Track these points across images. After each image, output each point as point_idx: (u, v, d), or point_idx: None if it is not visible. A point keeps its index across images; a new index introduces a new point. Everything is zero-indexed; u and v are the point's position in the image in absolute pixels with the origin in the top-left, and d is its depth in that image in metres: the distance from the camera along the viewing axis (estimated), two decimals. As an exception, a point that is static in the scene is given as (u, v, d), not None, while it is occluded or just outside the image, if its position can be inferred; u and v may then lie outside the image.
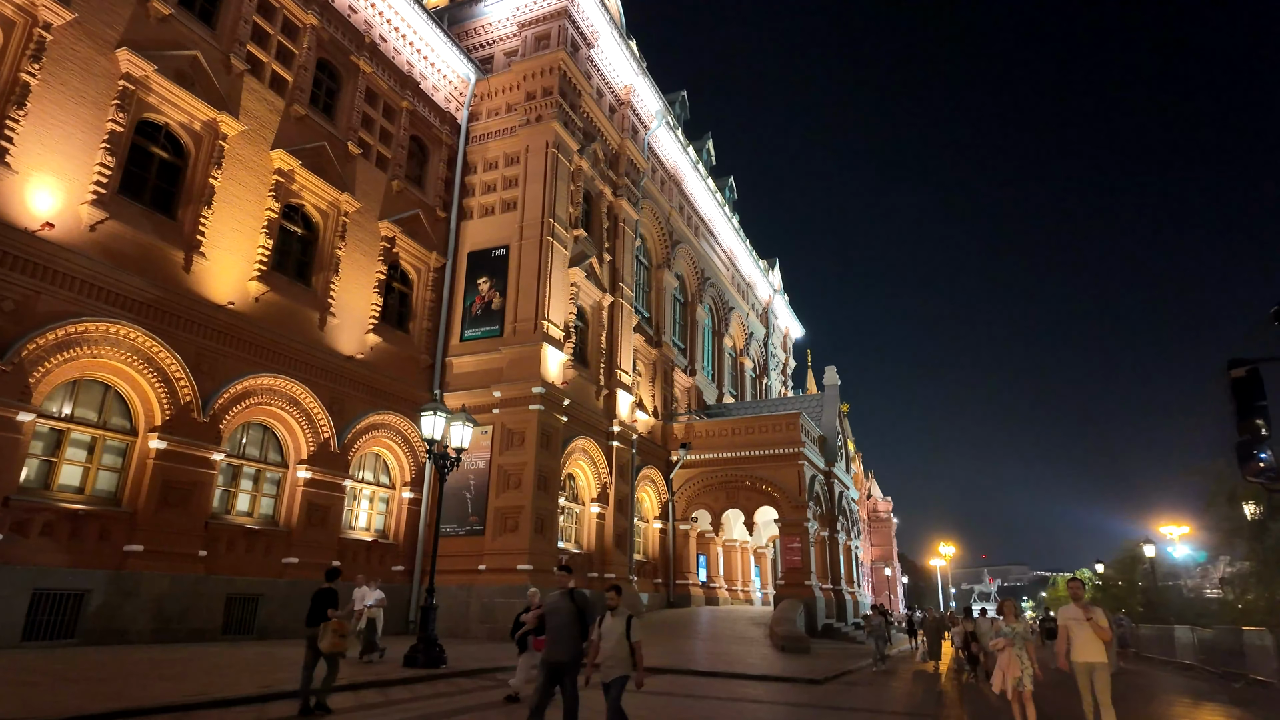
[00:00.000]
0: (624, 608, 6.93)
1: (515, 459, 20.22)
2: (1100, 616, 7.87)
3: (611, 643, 6.63)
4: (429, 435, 12.73)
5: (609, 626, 6.70)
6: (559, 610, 6.88)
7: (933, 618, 20.05)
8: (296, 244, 18.67)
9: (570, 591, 7.02)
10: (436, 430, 12.71)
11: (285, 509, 17.28)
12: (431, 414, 12.64)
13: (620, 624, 6.65)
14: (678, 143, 32.81)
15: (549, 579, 19.94)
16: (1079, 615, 7.94)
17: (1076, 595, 8.32)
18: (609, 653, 6.60)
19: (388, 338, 20.60)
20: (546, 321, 21.34)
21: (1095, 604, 16.85)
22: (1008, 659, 8.61)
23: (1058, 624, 8.10)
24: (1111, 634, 8.03)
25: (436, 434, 12.74)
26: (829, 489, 30.95)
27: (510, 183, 23.40)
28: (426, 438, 12.81)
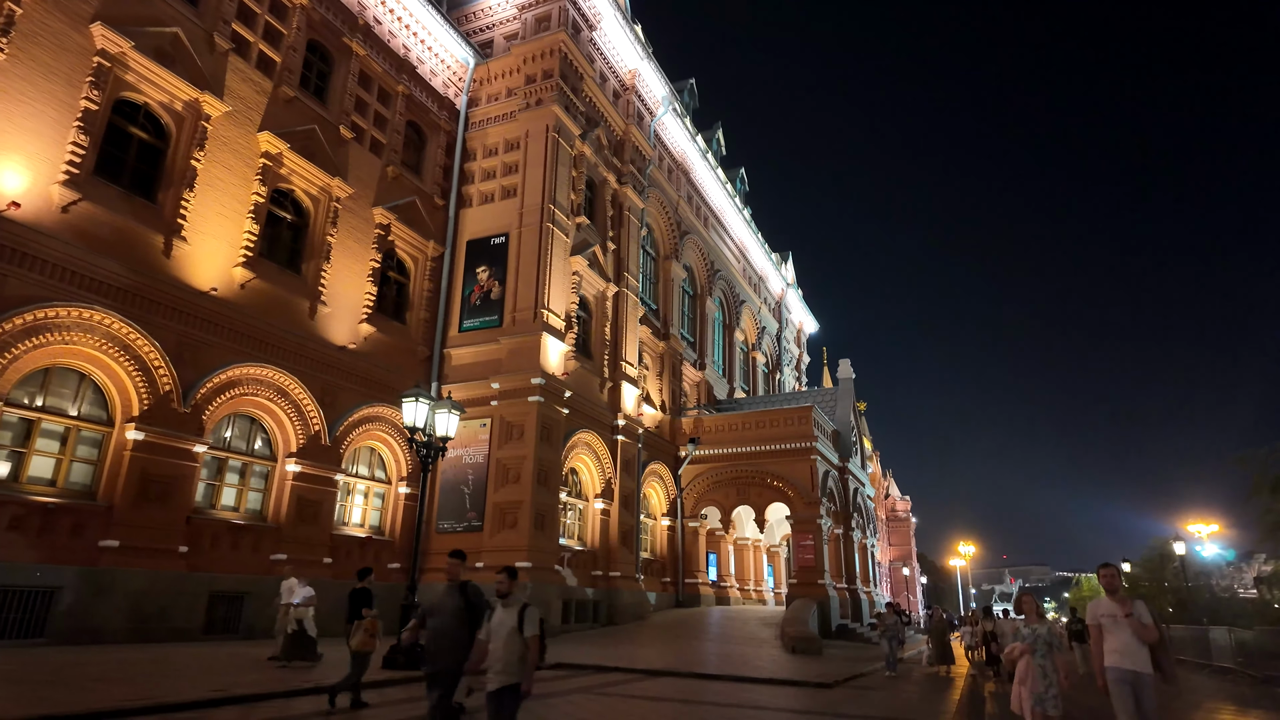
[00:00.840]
0: (519, 595, 5.62)
1: (514, 452, 19.49)
2: (1143, 612, 6.04)
3: (499, 641, 5.34)
4: (410, 423, 12.01)
5: (498, 621, 5.42)
6: (442, 608, 5.71)
7: (939, 617, 18.58)
8: (286, 230, 18.07)
9: (461, 585, 5.85)
10: (419, 418, 12.00)
11: (274, 504, 16.66)
12: (413, 400, 11.92)
13: (511, 616, 5.34)
14: (685, 130, 31.97)
15: (550, 576, 19.21)
16: (1115, 611, 6.11)
17: (1112, 586, 6.33)
18: (496, 655, 5.33)
19: (383, 328, 19.95)
20: (547, 311, 20.60)
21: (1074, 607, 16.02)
22: (1027, 670, 6.61)
23: (1089, 623, 6.37)
24: (1160, 633, 6.10)
25: (419, 422, 12.03)
26: (843, 485, 29.97)
27: (510, 169, 22.70)
28: (408, 425, 12.10)
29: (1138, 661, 5.96)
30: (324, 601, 16.69)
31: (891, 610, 17.41)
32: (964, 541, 75.41)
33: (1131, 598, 6.30)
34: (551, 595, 18.97)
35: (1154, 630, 6.03)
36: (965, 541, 75.32)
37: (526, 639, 5.30)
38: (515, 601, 5.48)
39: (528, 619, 5.33)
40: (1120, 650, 6.02)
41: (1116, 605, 6.16)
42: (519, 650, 5.29)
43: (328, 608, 17.23)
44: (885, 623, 16.62)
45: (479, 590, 5.95)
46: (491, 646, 5.38)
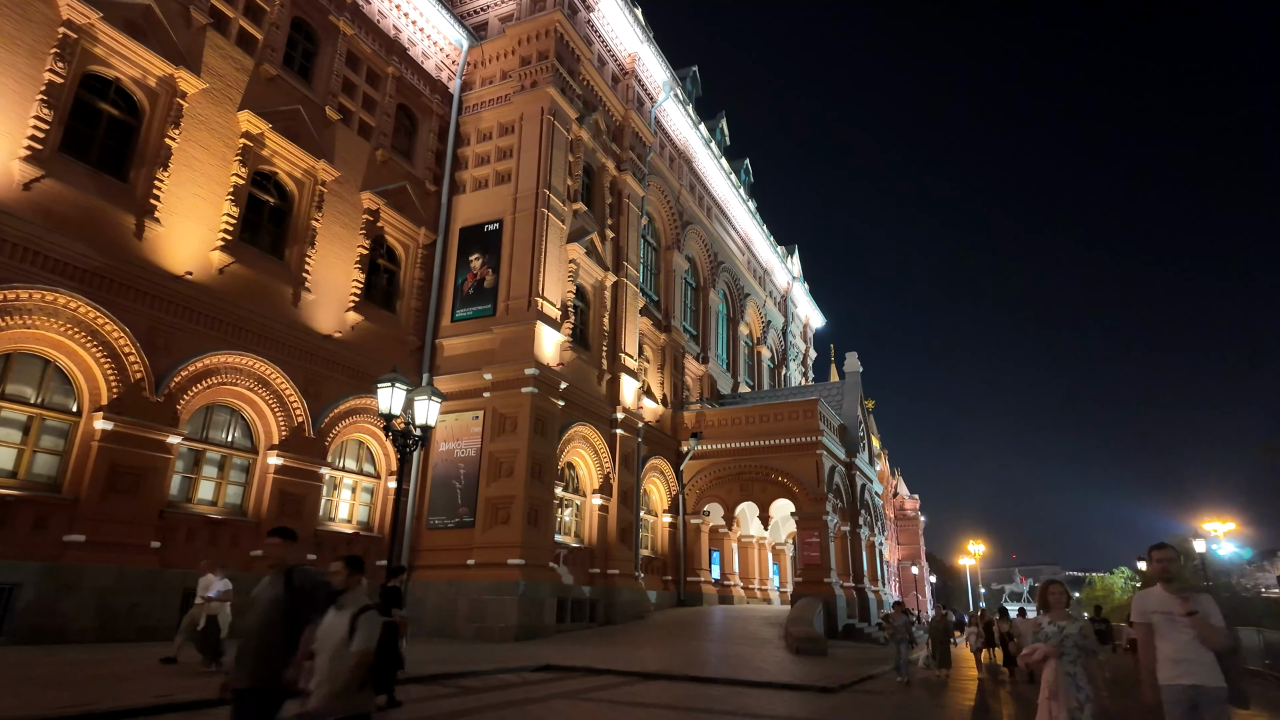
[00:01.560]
0: (357, 595, 4.34)
1: (507, 446, 18.77)
2: (1211, 609, 4.65)
3: (325, 655, 4.11)
4: (386, 410, 11.31)
5: (326, 628, 4.19)
6: (258, 602, 4.42)
7: (940, 617, 17.15)
8: (268, 214, 17.39)
9: (287, 573, 4.42)
10: (395, 405, 11.29)
11: (254, 498, 16.00)
12: (389, 386, 11.22)
13: (343, 623, 4.14)
14: (688, 118, 31.18)
15: (544, 574, 18.50)
16: (1171, 607, 4.68)
17: (1168, 573, 4.88)
18: (320, 673, 4.08)
19: (371, 317, 19.27)
20: (541, 299, 19.87)
21: (1099, 606, 15.09)
22: (1054, 679, 5.16)
23: (1134, 620, 4.93)
24: (1228, 639, 4.75)
25: (395, 409, 11.32)
26: (850, 481, 29.14)
27: (504, 153, 21.98)
28: (383, 413, 11.40)
29: (1203, 673, 4.53)
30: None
31: (899, 610, 15.98)
32: (973, 540, 74.22)
33: (1193, 590, 4.91)
34: (545, 594, 18.25)
35: (1223, 634, 4.68)
36: (975, 540, 74.14)
37: (354, 654, 4.04)
38: (354, 603, 4.24)
39: (361, 628, 4.09)
40: (1179, 658, 4.62)
41: (1174, 599, 4.70)
42: (351, 668, 4.04)
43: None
44: (893, 624, 15.37)
45: (316, 578, 4.51)
46: (316, 662, 4.12)
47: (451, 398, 20.02)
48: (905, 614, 16.04)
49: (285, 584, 4.36)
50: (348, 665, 4.03)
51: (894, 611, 15.89)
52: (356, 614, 4.14)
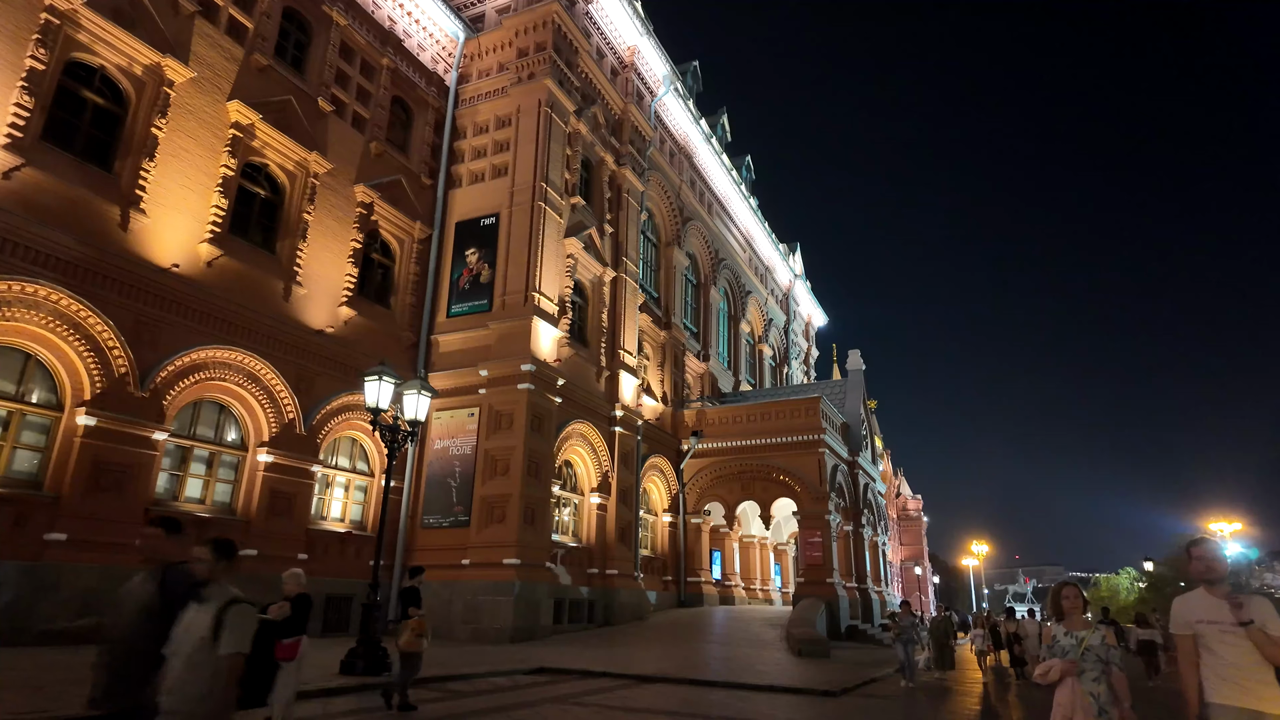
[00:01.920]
0: (226, 585, 3.56)
1: (503, 443, 18.42)
2: (1270, 616, 3.72)
3: (181, 659, 3.36)
4: (372, 404, 10.96)
5: (186, 625, 3.43)
6: (123, 606, 3.74)
7: (941, 617, 16.23)
8: (259, 207, 17.05)
9: (163, 570, 3.77)
10: (382, 398, 10.94)
11: (244, 496, 15.66)
12: (376, 380, 10.87)
13: (206, 618, 3.39)
14: (688, 113, 30.81)
15: (540, 574, 18.14)
16: (1221, 616, 3.82)
17: (1213, 573, 3.99)
18: (176, 678, 3.34)
19: (365, 312, 18.92)
20: (538, 294, 19.52)
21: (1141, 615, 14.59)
22: (1071, 700, 4.47)
23: (1176, 631, 4.04)
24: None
25: (382, 402, 10.97)
26: (853, 480, 28.74)
27: (501, 147, 21.63)
28: (369, 407, 11.05)
29: (1264, 698, 3.65)
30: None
31: (906, 610, 14.93)
32: (977, 540, 73.70)
33: (1246, 593, 3.98)
34: (542, 594, 17.89)
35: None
36: (978, 540, 73.62)
37: (220, 658, 3.30)
38: (218, 596, 3.45)
39: (230, 625, 3.34)
40: (1232, 678, 3.73)
41: (1222, 605, 3.84)
42: (208, 677, 3.27)
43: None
44: (900, 624, 14.44)
45: (189, 578, 3.66)
46: (168, 667, 3.36)
47: (447, 394, 19.69)
48: (911, 614, 15.12)
49: (159, 586, 3.70)
50: (207, 673, 3.29)
51: (901, 611, 14.93)
52: (223, 608, 3.36)
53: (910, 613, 15.03)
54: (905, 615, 14.60)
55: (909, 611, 14.92)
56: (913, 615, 15.12)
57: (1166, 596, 34.93)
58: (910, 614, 14.89)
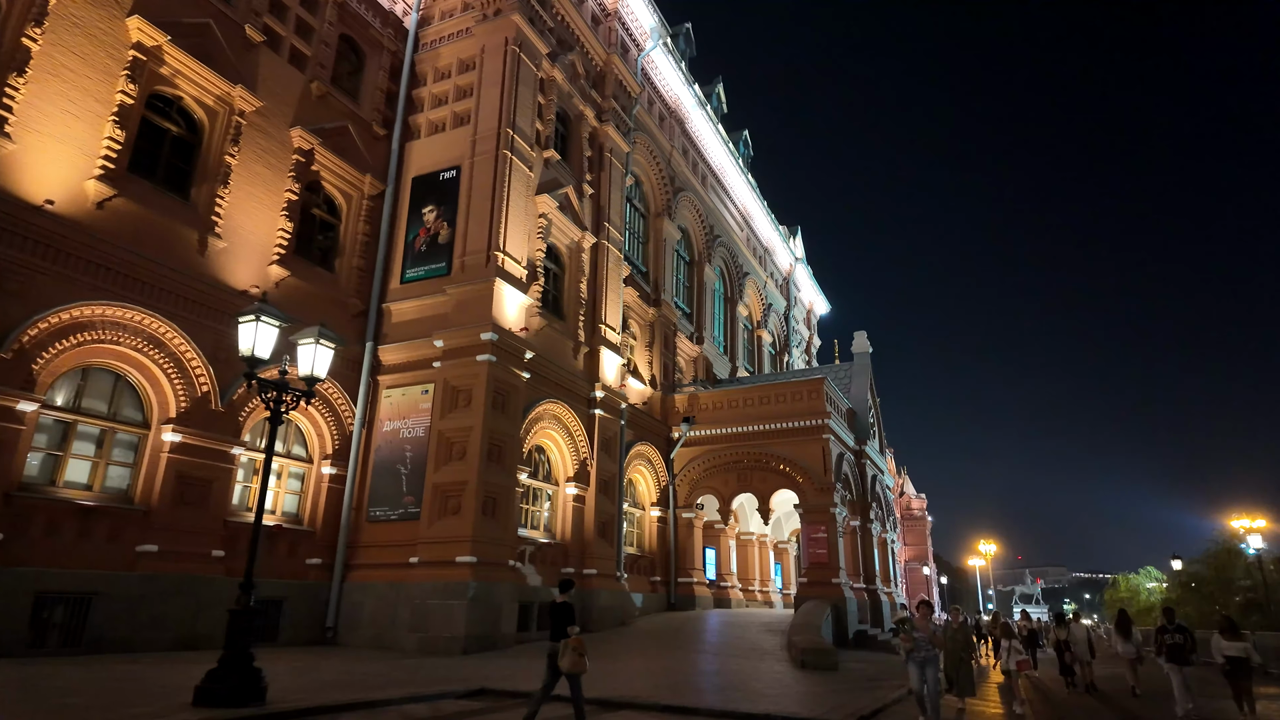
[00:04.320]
0: None
1: (459, 423, 15.96)
2: None
3: None
4: (247, 351, 8.50)
5: None
6: None
7: (958, 624, 11.64)
8: (169, 145, 14.60)
9: None
10: (261, 344, 8.49)
11: (143, 481, 13.20)
12: (253, 321, 8.40)
13: None
14: (679, 74, 28.38)
15: (502, 574, 15.67)
16: None
17: None
18: None
19: (302, 274, 16.48)
20: (502, 254, 17.07)
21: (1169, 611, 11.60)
22: None
23: None
24: None
25: (261, 350, 8.52)
26: (860, 471, 26.29)
27: (464, 93, 19.20)
28: (244, 354, 8.59)
29: None
30: (215, 606, 13.39)
31: (925, 613, 9.85)
32: (984, 540, 71.12)
33: None
34: (504, 597, 15.42)
35: None
36: (986, 540, 71.03)
37: None
38: None
39: None
40: None
41: None
42: None
43: (223, 612, 13.89)
44: (915, 635, 9.50)
45: None
46: None
47: (398, 369, 17.30)
48: (932, 621, 10.07)
49: None
50: None
51: (918, 615, 9.90)
52: None
53: (929, 617, 9.93)
54: (925, 618, 9.75)
55: (928, 615, 9.86)
56: (934, 623, 10.15)
57: (1205, 597, 32.54)
58: (930, 619, 9.86)
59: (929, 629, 9.56)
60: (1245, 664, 10.22)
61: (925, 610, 9.90)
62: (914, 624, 9.52)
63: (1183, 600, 32.76)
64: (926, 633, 9.45)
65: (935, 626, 9.59)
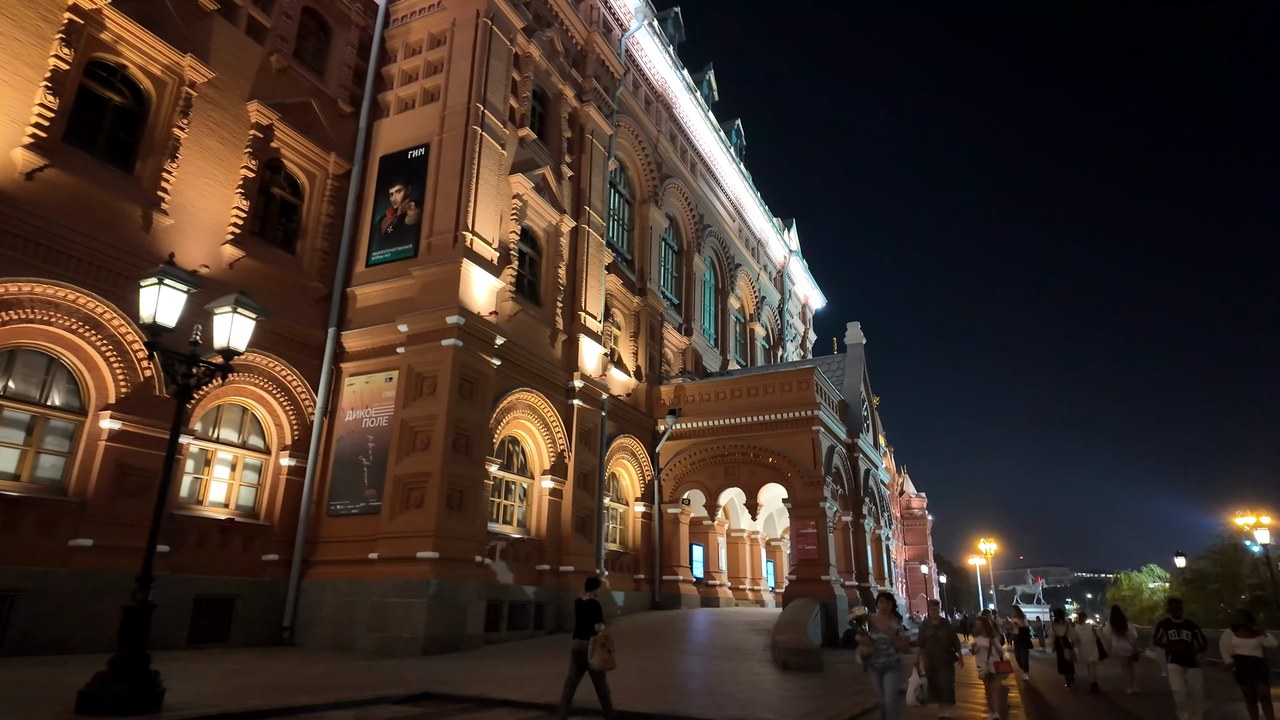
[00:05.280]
0: None
1: (423, 411, 15.12)
2: None
3: None
4: (148, 318, 7.65)
5: None
6: None
7: (937, 622, 9.45)
8: (112, 115, 13.78)
9: None
10: (165, 312, 7.64)
11: (78, 471, 12.37)
12: (155, 284, 7.56)
13: None
14: (666, 57, 27.54)
15: (467, 571, 14.83)
16: None
17: None
18: None
19: (260, 255, 15.66)
20: (471, 234, 16.24)
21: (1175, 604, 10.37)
22: None
23: None
24: None
25: (164, 318, 7.67)
26: (852, 464, 25.43)
27: (434, 68, 18.38)
28: (145, 322, 7.74)
29: None
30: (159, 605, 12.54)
31: (886, 610, 8.13)
32: (985, 539, 70.17)
33: None
34: (470, 595, 14.57)
35: None
36: (986, 539, 70.08)
37: None
38: None
39: None
40: None
41: None
42: None
43: (167, 610, 13.06)
44: (872, 639, 7.80)
45: None
46: None
47: (362, 356, 16.48)
48: (897, 616, 8.58)
49: None
50: None
51: (879, 611, 8.12)
52: None
53: (892, 611, 8.24)
54: (884, 619, 7.99)
55: (890, 612, 8.13)
56: (900, 623, 8.48)
57: (1210, 594, 31.66)
58: (892, 617, 8.10)
59: (891, 629, 7.84)
60: (1261, 664, 9.13)
61: (887, 604, 8.23)
62: (873, 622, 7.91)
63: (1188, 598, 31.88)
64: (889, 633, 7.79)
65: (899, 627, 7.96)
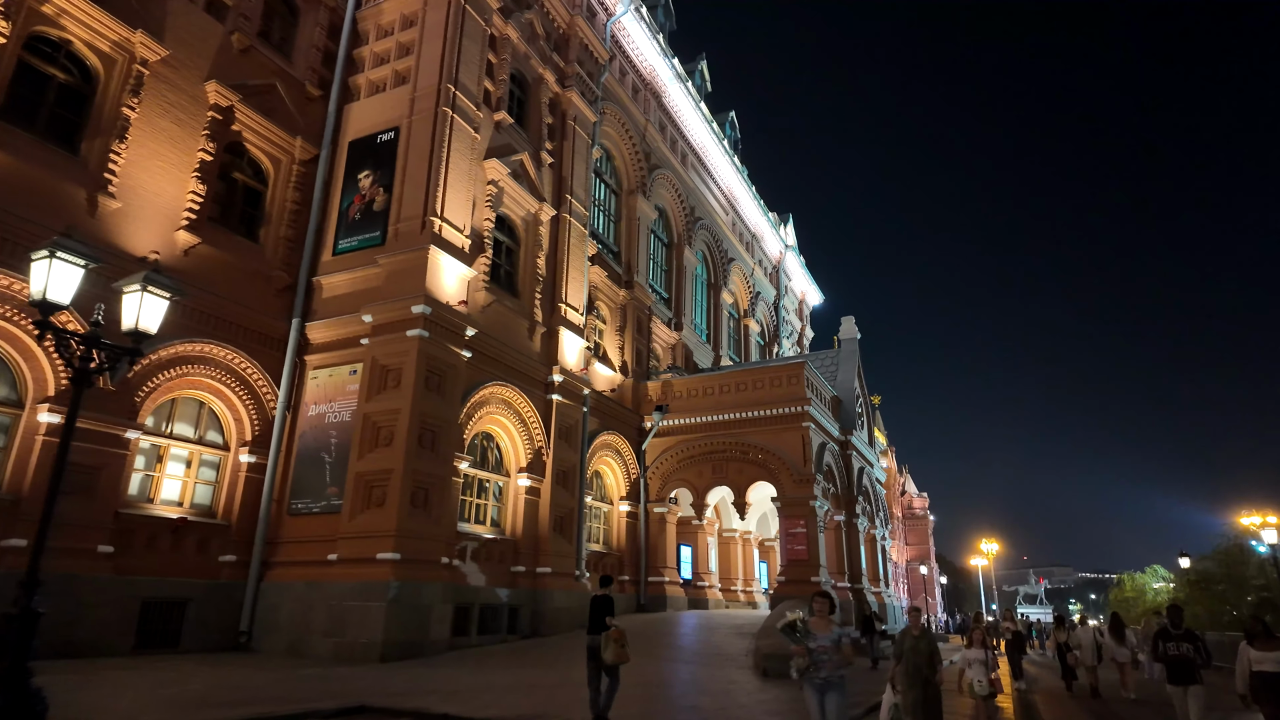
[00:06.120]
0: None
1: (386, 405, 14.41)
2: None
3: None
4: (38, 295, 6.97)
5: None
6: None
7: (916, 633, 7.93)
8: (55, 92, 13.11)
9: None
10: (57, 288, 6.97)
11: (13, 468, 11.70)
12: (46, 258, 6.88)
13: None
14: (655, 45, 26.82)
15: (433, 573, 14.11)
16: None
17: None
18: None
19: (218, 242, 14.97)
20: (439, 220, 15.53)
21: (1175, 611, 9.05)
22: None
23: None
24: None
25: (57, 294, 7.00)
26: (845, 462, 24.66)
27: (406, 50, 17.67)
28: (35, 299, 7.06)
29: None
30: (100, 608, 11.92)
31: (823, 610, 6.57)
32: (986, 539, 69.24)
33: None
34: (434, 598, 13.85)
35: None
36: (988, 539, 69.14)
37: None
38: None
39: None
40: None
41: None
42: None
43: (111, 614, 12.40)
44: (809, 649, 6.22)
45: None
46: None
47: (326, 348, 15.80)
48: (832, 618, 6.59)
49: None
50: None
51: (814, 614, 6.55)
52: None
53: (830, 610, 6.59)
54: (823, 622, 6.44)
55: (827, 613, 6.56)
56: (844, 629, 6.62)
57: (1215, 596, 30.81)
58: (831, 621, 6.50)
59: (832, 636, 6.18)
60: None
61: (823, 605, 6.48)
62: (808, 627, 6.24)
63: (1192, 600, 31.09)
64: (829, 640, 6.12)
65: (841, 632, 6.27)
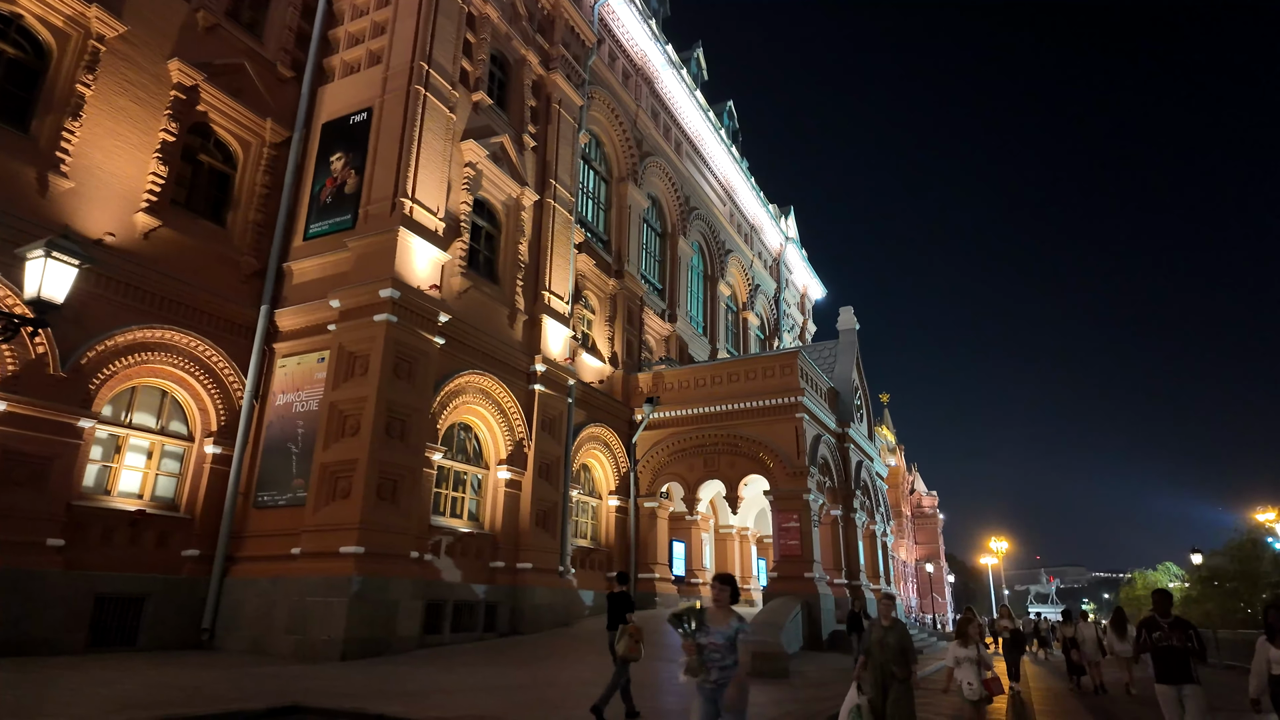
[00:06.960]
0: None
1: (352, 393, 13.85)
2: None
3: None
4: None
5: None
6: None
7: (886, 624, 7.27)
8: (5, 68, 12.61)
9: None
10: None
11: (-45, 458, 11.20)
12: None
13: None
14: (646, 29, 26.19)
15: (400, 568, 13.53)
16: None
17: None
18: None
19: (181, 226, 14.44)
20: (410, 201, 14.96)
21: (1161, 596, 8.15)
22: None
23: None
24: None
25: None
26: (842, 455, 23.96)
27: (380, 29, 17.13)
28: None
29: None
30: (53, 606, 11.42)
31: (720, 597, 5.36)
32: (996, 537, 68.24)
33: None
34: (402, 594, 13.27)
35: None
36: (997, 537, 68.15)
37: None
38: None
39: None
40: None
41: None
42: None
43: (62, 611, 11.89)
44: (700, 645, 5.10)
45: None
46: None
47: (295, 336, 15.26)
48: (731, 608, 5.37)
49: None
50: None
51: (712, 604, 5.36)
52: None
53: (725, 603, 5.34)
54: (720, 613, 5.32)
55: (726, 604, 5.37)
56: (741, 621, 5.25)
57: (1227, 593, 29.88)
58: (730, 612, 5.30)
59: (728, 630, 5.12)
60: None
61: (721, 592, 5.35)
62: (706, 617, 5.22)
63: (1204, 597, 30.20)
64: (722, 636, 5.10)
65: (739, 627, 5.14)
